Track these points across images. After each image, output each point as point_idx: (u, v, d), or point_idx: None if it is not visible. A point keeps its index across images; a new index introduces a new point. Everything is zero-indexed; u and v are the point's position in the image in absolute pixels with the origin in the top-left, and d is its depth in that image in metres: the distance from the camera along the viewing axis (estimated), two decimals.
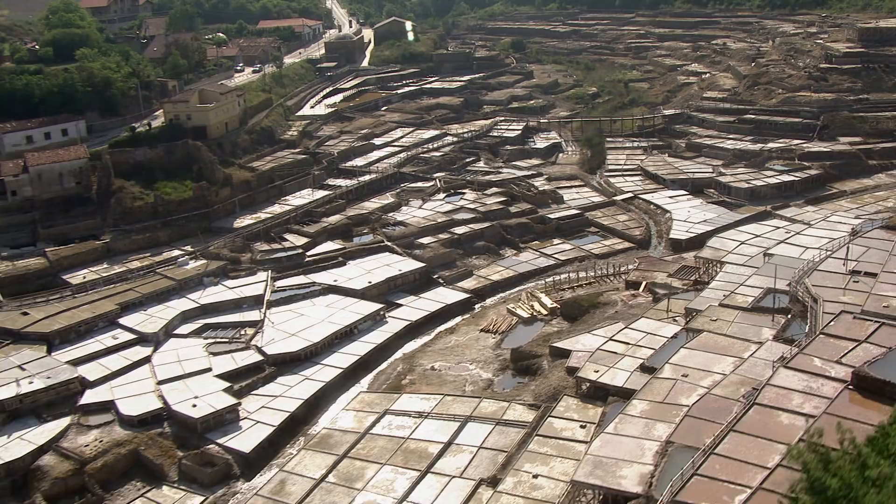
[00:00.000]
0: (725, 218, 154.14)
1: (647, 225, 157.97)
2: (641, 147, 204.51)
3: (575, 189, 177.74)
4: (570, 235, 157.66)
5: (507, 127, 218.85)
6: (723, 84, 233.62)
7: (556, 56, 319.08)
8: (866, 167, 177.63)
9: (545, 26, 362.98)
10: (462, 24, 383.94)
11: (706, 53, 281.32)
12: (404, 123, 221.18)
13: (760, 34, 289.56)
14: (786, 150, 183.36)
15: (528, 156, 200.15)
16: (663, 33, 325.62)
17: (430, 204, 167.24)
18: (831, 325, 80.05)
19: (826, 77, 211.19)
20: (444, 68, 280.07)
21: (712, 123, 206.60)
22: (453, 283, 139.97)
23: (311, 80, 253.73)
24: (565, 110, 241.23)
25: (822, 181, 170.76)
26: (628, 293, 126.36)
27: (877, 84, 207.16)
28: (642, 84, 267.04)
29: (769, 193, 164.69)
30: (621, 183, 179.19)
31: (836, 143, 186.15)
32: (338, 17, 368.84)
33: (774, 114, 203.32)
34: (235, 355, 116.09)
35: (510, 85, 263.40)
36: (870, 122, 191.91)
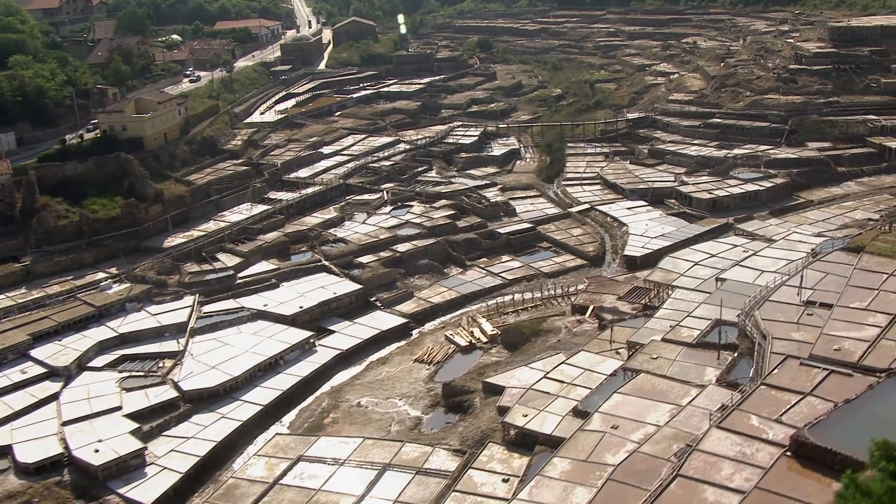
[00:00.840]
0: (684, 232, 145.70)
1: (601, 240, 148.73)
2: (603, 153, 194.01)
3: (530, 200, 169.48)
4: (520, 251, 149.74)
5: (463, 133, 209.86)
6: (690, 85, 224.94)
7: (524, 55, 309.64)
8: (835, 175, 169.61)
9: (514, 24, 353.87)
10: (430, 22, 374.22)
11: (676, 53, 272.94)
12: (357, 130, 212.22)
13: (732, 32, 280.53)
14: (752, 156, 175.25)
15: (484, 164, 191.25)
16: (633, 31, 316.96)
17: (375, 218, 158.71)
18: (774, 373, 71.69)
19: (795, 79, 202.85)
20: (403, 70, 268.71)
21: (677, 128, 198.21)
22: (392, 307, 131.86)
23: (263, 84, 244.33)
24: (527, 113, 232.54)
25: (788, 190, 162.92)
26: (573, 319, 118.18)
27: (847, 86, 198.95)
28: (609, 85, 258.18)
29: (732, 204, 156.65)
30: (579, 193, 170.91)
31: (804, 149, 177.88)
32: (301, 17, 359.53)
33: (741, 118, 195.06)
34: (150, 391, 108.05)
35: (471, 87, 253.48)
36: (839, 126, 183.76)
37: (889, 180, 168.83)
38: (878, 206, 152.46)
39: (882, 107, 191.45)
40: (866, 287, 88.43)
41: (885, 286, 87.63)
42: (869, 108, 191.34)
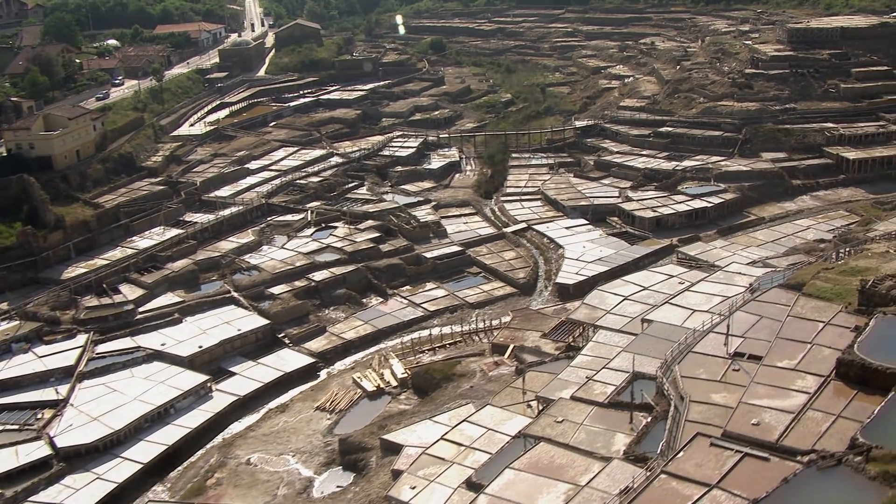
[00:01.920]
0: (623, 256, 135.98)
1: (534, 264, 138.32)
2: (548, 165, 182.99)
3: (464, 218, 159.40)
4: (447, 278, 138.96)
5: (401, 144, 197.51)
6: (644, 90, 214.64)
7: (478, 57, 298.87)
8: (789, 188, 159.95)
9: (470, 24, 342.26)
10: (385, 22, 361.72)
11: (633, 54, 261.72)
12: (289, 142, 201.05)
13: (692, 32, 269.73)
14: (702, 169, 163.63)
15: (421, 178, 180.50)
16: (591, 31, 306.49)
17: (296, 242, 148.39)
18: (680, 456, 60.65)
19: (751, 84, 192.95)
20: (347, 76, 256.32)
21: (626, 137, 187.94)
22: (301, 344, 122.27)
23: (197, 93, 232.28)
24: (473, 121, 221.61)
25: (738, 206, 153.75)
26: (491, 360, 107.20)
27: (805, 91, 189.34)
28: (563, 88, 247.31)
29: (678, 223, 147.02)
30: (517, 210, 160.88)
31: (757, 160, 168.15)
32: (251, 18, 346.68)
33: (693, 126, 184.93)
34: (21, 448, 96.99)
35: (416, 93, 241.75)
36: (796, 135, 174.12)
37: (846, 194, 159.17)
38: (832, 224, 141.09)
39: (841, 114, 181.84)
40: (798, 340, 78.12)
41: (819, 339, 77.38)
42: (827, 115, 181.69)
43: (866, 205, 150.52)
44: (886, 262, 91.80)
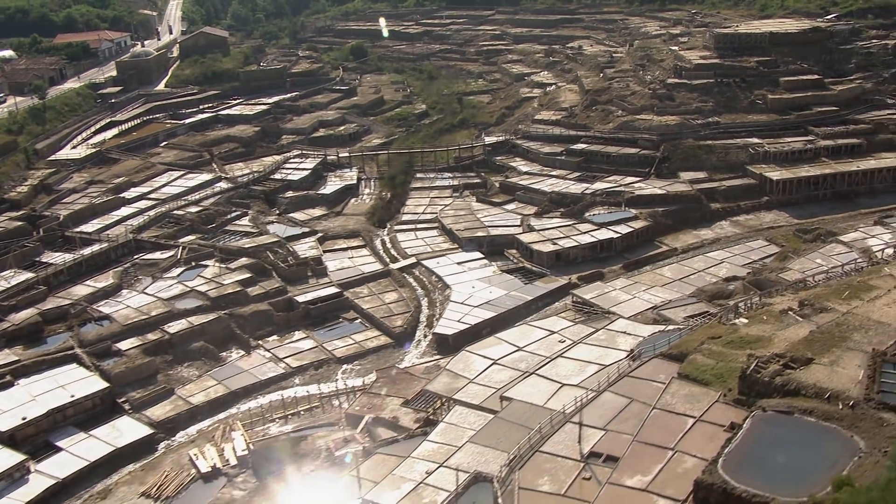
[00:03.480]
0: (515, 298, 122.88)
1: (416, 308, 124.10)
2: (453, 187, 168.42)
3: (351, 252, 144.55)
4: (320, 325, 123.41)
5: (296, 165, 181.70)
6: (563, 101, 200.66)
7: (401, 63, 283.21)
8: (707, 213, 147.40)
9: (396, 27, 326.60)
10: (311, 25, 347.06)
11: (559, 59, 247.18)
12: (176, 165, 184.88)
13: (622, 36, 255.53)
14: (613, 192, 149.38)
15: (312, 204, 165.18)
16: (519, 34, 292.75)
17: (160, 284, 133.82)
18: None
19: (672, 95, 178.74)
20: (252, 88, 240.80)
21: (536, 155, 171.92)
22: (143, 410, 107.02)
23: (87, 110, 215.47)
24: (382, 136, 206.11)
25: (650, 235, 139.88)
26: (340, 436, 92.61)
27: (731, 103, 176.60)
28: (483, 97, 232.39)
29: (581, 256, 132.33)
30: (410, 242, 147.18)
31: (674, 182, 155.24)
32: (168, 24, 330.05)
33: (609, 142, 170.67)
34: None
35: (324, 106, 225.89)
36: (717, 152, 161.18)
37: (769, 218, 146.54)
38: (748, 257, 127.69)
39: (767, 127, 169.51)
40: (659, 445, 63.88)
41: (685, 443, 63.71)
42: (753, 129, 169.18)
43: (788, 233, 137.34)
44: (782, 329, 78.50)
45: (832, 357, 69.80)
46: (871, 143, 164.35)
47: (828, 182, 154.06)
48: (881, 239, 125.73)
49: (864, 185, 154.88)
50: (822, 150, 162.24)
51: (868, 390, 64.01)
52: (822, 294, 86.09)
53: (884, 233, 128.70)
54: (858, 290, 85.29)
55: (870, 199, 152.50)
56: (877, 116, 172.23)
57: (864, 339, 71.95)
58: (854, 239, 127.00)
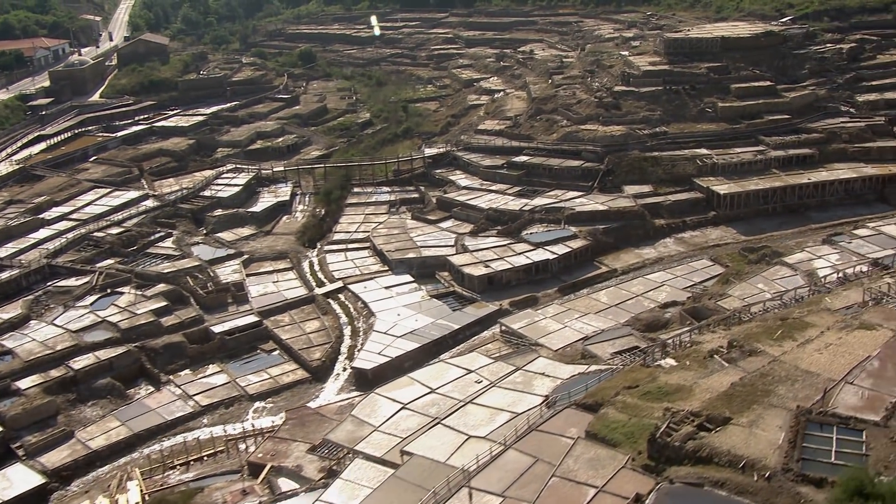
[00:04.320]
0: (441, 327, 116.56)
1: (337, 339, 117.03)
2: (390, 202, 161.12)
3: (276, 276, 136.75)
4: (237, 357, 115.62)
5: (228, 181, 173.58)
6: (509, 109, 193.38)
7: (350, 68, 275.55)
8: (651, 230, 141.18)
9: (348, 30, 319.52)
10: (262, 28, 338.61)
11: (509, 64, 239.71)
12: (104, 182, 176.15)
13: (575, 39, 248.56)
14: (553, 208, 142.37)
15: (242, 223, 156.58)
16: (472, 37, 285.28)
17: (70, 315, 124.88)
18: None
19: (619, 104, 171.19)
20: (191, 98, 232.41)
21: (476, 168, 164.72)
22: (39, 456, 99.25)
23: (14, 123, 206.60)
24: (322, 148, 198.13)
25: (589, 255, 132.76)
26: (239, 487, 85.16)
27: (679, 111, 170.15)
28: (431, 105, 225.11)
29: (515, 279, 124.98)
30: (339, 264, 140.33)
31: (618, 196, 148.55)
32: (109, 31, 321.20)
33: (552, 154, 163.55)
34: None
35: (264, 116, 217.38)
36: (664, 164, 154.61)
37: (715, 235, 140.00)
38: (692, 276, 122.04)
39: (717, 137, 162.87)
40: None
41: None
42: (701, 139, 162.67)
43: (734, 251, 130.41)
44: (705, 377, 72.07)
45: (752, 416, 63.15)
46: (823, 153, 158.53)
47: (777, 195, 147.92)
48: (827, 260, 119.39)
49: (816, 198, 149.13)
50: (772, 160, 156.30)
51: (787, 458, 57.34)
52: (752, 333, 79.31)
53: (831, 253, 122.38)
54: (792, 329, 78.65)
55: (821, 213, 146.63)
56: (830, 125, 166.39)
57: (788, 394, 65.24)
58: (799, 261, 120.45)
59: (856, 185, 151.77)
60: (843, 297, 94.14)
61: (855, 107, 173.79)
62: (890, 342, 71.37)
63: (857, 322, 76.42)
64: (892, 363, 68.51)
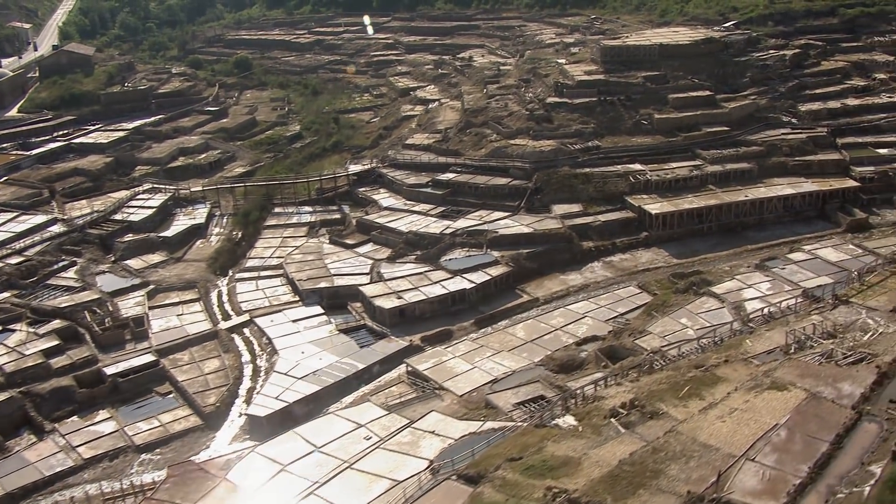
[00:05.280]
0: (346, 366, 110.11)
1: (236, 380, 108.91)
2: (310, 224, 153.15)
3: (182, 308, 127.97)
4: (130, 401, 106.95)
5: (142, 202, 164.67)
6: (441, 121, 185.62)
7: (287, 76, 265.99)
8: (578, 253, 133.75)
9: (288, 36, 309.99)
10: (201, 34, 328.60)
11: (447, 72, 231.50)
12: (10, 206, 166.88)
13: (516, 44, 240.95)
14: (476, 231, 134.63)
15: (153, 248, 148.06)
16: (412, 43, 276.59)
17: None
18: None
19: (551, 116, 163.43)
20: (115, 111, 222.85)
21: (400, 187, 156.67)
22: None
23: None
24: (247, 164, 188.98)
25: (511, 282, 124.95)
26: None
27: (614, 124, 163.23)
28: (365, 115, 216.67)
29: (429, 311, 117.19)
30: (250, 294, 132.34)
31: (545, 217, 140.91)
32: (34, 40, 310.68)
33: (479, 171, 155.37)
34: None
35: (189, 130, 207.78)
36: (595, 181, 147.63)
37: (646, 258, 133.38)
38: (617, 306, 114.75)
39: (652, 151, 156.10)
40: None
41: None
42: (636, 153, 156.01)
43: (663, 279, 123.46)
44: (597, 446, 65.04)
45: None
46: (762, 168, 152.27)
47: (713, 214, 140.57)
48: (758, 290, 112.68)
49: (753, 217, 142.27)
50: (709, 176, 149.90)
51: None
52: (658, 390, 72.43)
53: (762, 281, 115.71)
54: (701, 386, 71.67)
55: (758, 233, 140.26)
56: (770, 137, 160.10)
57: (681, 475, 57.89)
58: (728, 290, 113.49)
59: (795, 202, 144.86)
60: (765, 338, 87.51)
61: (797, 117, 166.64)
62: (801, 406, 63.89)
63: (768, 380, 68.95)
64: (801, 433, 60.96)
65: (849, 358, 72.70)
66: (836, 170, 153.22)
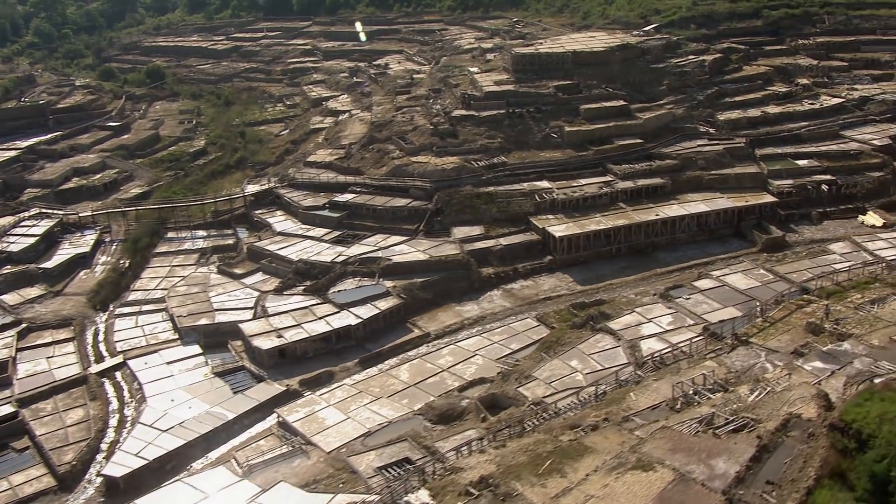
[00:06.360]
0: (216, 416, 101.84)
1: (99, 433, 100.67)
2: (201, 251, 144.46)
3: (53, 349, 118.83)
4: None
5: (25, 230, 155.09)
6: (348, 135, 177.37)
7: (200, 85, 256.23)
8: (477, 281, 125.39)
9: (205, 42, 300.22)
10: (118, 41, 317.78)
11: (362, 80, 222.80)
12: None
13: (435, 49, 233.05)
14: (369, 258, 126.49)
15: (32, 281, 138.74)
16: (330, 49, 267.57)
17: None
18: None
19: (457, 131, 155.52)
20: (7, 128, 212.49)
21: (297, 209, 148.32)
22: None
23: None
24: (145, 184, 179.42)
25: (402, 315, 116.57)
26: None
27: (522, 138, 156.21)
28: (276, 127, 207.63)
29: (311, 351, 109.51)
30: (128, 331, 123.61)
31: (444, 241, 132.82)
32: None
33: (378, 192, 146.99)
34: None
35: (87, 148, 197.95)
36: (499, 201, 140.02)
37: (549, 285, 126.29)
38: (511, 342, 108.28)
39: (561, 167, 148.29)
40: None
41: None
42: (543, 169, 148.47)
43: (563, 309, 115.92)
44: None
45: None
46: (676, 183, 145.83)
47: (622, 235, 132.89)
48: (658, 324, 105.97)
49: (665, 237, 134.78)
50: (619, 193, 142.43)
51: None
52: (517, 464, 64.64)
53: (664, 314, 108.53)
54: (565, 459, 64.25)
55: (669, 254, 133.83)
56: (685, 149, 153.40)
57: None
58: (627, 325, 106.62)
59: (709, 220, 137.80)
60: (652, 390, 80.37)
61: (715, 126, 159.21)
62: (666, 492, 56.49)
63: (634, 458, 61.55)
64: None
65: (730, 425, 65.23)
66: (753, 184, 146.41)
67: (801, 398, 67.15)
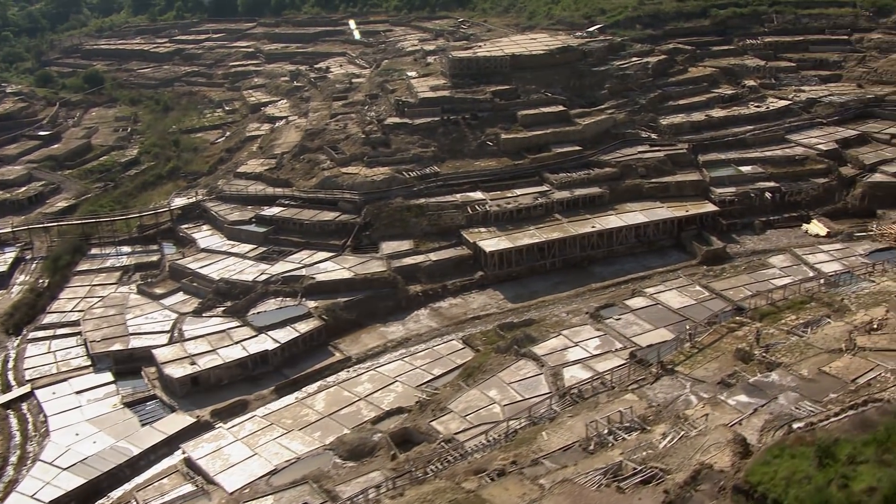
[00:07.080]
0: (124, 449, 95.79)
1: None
2: (124, 268, 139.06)
3: None
4: None
5: None
6: (282, 144, 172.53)
7: (139, 90, 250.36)
8: (404, 300, 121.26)
9: (147, 45, 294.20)
10: (60, 44, 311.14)
11: (302, 84, 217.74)
12: None
13: (378, 51, 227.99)
14: (292, 277, 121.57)
15: None
16: (273, 51, 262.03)
17: None
18: None
19: (389, 140, 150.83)
20: None
21: (222, 224, 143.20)
22: None
23: None
24: (73, 196, 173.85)
25: (324, 338, 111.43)
26: None
27: (457, 146, 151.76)
28: (213, 135, 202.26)
29: (226, 378, 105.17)
30: (39, 358, 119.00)
31: (370, 258, 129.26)
32: None
33: (306, 205, 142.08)
34: None
35: (13, 159, 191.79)
36: (430, 214, 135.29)
37: (479, 303, 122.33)
38: (434, 367, 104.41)
39: (496, 177, 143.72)
40: None
41: None
42: (478, 179, 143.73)
43: (490, 330, 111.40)
44: None
45: None
46: (615, 192, 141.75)
47: (556, 248, 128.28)
48: (585, 348, 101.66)
49: (602, 250, 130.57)
50: (555, 204, 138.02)
51: None
52: None
53: (592, 336, 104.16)
54: None
55: (606, 268, 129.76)
56: (625, 156, 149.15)
57: None
58: (552, 349, 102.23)
59: (648, 231, 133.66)
60: (566, 428, 76.10)
61: (657, 131, 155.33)
62: None
63: None
64: None
65: (637, 476, 60.77)
66: (695, 192, 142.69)
67: (716, 444, 62.85)
